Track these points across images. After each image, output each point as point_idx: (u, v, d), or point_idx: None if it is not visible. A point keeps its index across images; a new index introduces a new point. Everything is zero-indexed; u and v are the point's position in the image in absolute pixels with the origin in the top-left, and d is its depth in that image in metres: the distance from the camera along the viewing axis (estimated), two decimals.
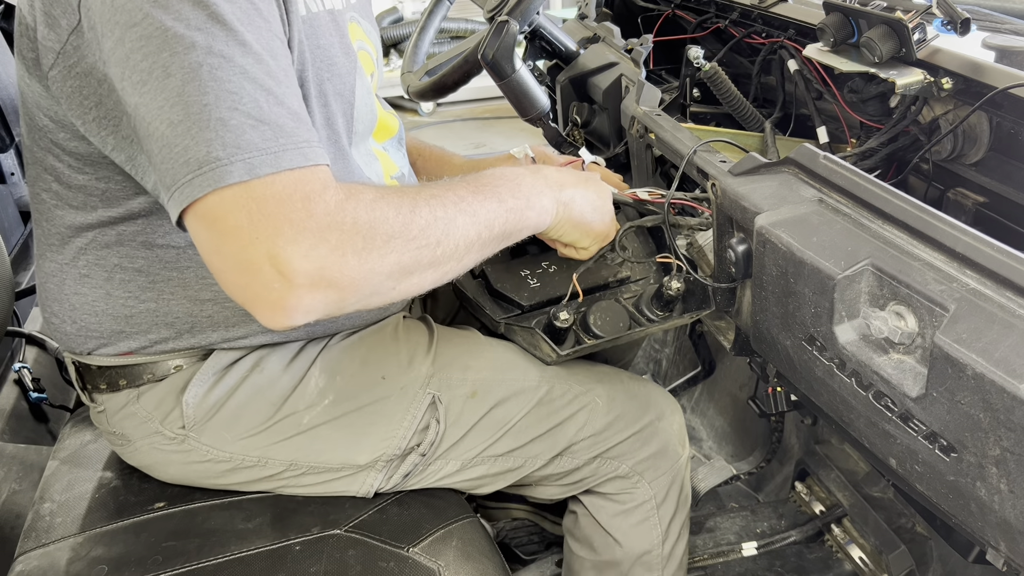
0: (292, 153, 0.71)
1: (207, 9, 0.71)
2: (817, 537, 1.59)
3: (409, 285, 0.79)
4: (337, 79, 0.92)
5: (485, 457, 1.07)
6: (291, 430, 1.00)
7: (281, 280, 0.69)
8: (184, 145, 0.69)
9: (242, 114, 0.70)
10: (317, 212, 0.70)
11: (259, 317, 0.73)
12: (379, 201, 0.75)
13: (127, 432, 1.02)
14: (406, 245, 0.76)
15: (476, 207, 0.84)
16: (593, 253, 1.07)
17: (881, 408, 0.74)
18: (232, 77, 0.70)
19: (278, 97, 0.73)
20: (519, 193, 0.91)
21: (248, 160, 0.69)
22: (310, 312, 0.72)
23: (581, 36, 1.50)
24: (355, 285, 0.73)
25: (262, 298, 0.71)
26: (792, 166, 0.89)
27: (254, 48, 0.72)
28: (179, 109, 0.69)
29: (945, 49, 0.97)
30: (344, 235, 0.71)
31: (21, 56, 0.86)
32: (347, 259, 0.71)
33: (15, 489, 1.41)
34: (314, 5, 0.88)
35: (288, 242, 0.68)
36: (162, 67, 0.70)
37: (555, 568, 1.50)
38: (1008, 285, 0.64)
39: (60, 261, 0.96)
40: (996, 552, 0.71)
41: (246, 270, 0.70)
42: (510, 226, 0.89)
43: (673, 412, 1.18)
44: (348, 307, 0.76)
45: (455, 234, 0.81)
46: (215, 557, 0.96)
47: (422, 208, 0.78)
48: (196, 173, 0.69)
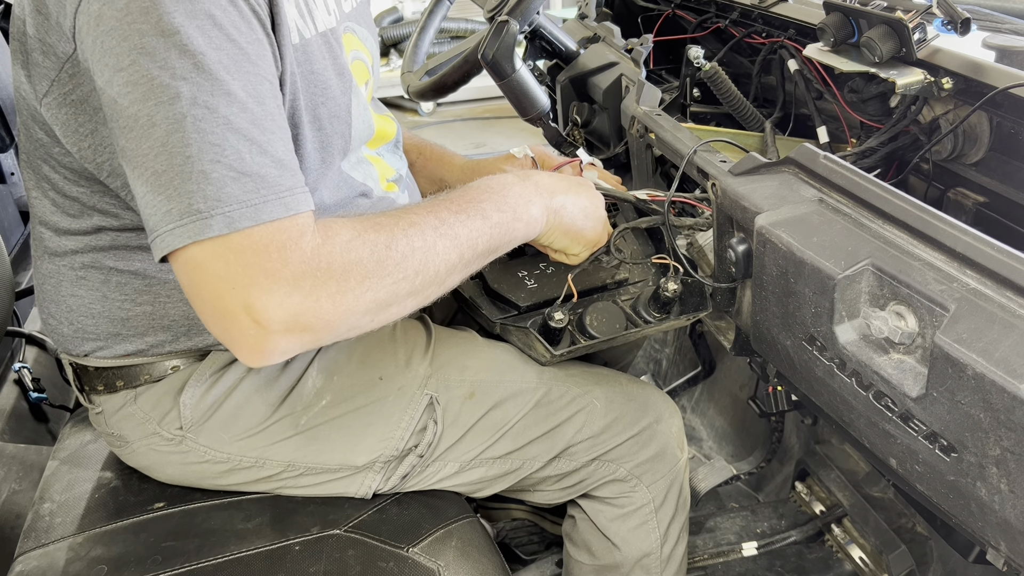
0: (273, 204, 0.73)
1: (193, 58, 0.70)
2: (817, 537, 1.59)
3: (388, 315, 0.81)
4: (332, 102, 0.92)
5: (483, 459, 1.07)
6: (289, 431, 1.00)
7: (256, 328, 0.72)
8: (167, 195, 0.71)
9: (224, 166, 0.71)
10: (292, 260, 0.72)
11: (238, 356, 0.76)
12: (355, 241, 0.77)
13: (125, 433, 1.02)
14: (381, 282, 0.77)
15: (458, 229, 0.84)
16: (584, 259, 1.07)
17: (881, 408, 0.74)
18: (215, 129, 0.71)
19: (262, 146, 0.73)
20: (505, 206, 0.90)
21: (228, 214, 0.70)
22: (286, 352, 0.75)
23: (581, 36, 1.50)
24: (330, 326, 0.75)
25: (239, 342, 0.74)
26: (792, 166, 0.89)
27: (239, 96, 0.73)
28: (163, 159, 0.71)
29: (945, 49, 0.97)
30: (318, 281, 0.73)
31: (17, 64, 0.85)
32: (321, 303, 0.73)
33: (15, 489, 1.41)
34: (306, 31, 0.88)
35: (263, 292, 0.71)
36: (147, 116, 0.71)
37: (555, 568, 1.50)
38: (1008, 285, 0.64)
39: (57, 263, 0.96)
40: (996, 552, 0.71)
41: (223, 317, 0.73)
42: (496, 241, 0.89)
43: (672, 415, 1.17)
44: (325, 343, 0.78)
45: (435, 261, 0.82)
46: (214, 557, 0.96)
47: (399, 241, 0.79)
48: (177, 224, 0.71)
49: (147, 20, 0.70)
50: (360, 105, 0.99)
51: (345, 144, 0.97)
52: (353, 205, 1.01)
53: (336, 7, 0.97)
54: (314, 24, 0.89)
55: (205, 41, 0.71)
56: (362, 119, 1.00)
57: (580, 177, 1.06)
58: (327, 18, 0.93)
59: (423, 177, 1.27)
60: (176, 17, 0.70)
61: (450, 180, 1.24)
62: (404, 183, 1.14)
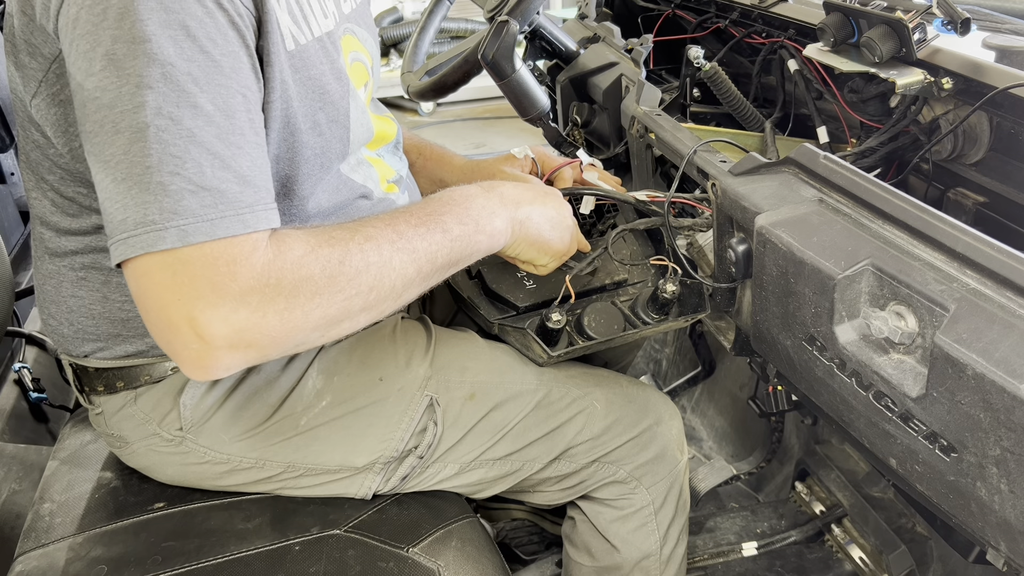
0: (230, 220, 0.72)
1: (162, 68, 0.70)
2: (817, 537, 1.59)
3: (340, 331, 0.80)
4: (330, 107, 0.91)
5: (483, 460, 1.07)
6: (288, 431, 1.00)
7: (199, 342, 0.71)
8: (124, 203, 0.70)
9: (183, 179, 0.70)
10: (241, 275, 0.71)
11: (181, 368, 0.75)
12: (307, 256, 0.75)
13: (125, 434, 1.02)
14: (332, 299, 0.76)
15: (416, 243, 0.83)
16: (552, 270, 1.05)
17: (881, 408, 0.74)
18: (177, 140, 0.70)
19: (225, 160, 0.72)
20: (467, 218, 0.89)
21: (183, 227, 0.70)
22: (230, 368, 0.74)
23: (581, 36, 1.50)
24: (276, 342, 0.74)
25: (181, 355, 0.73)
26: (792, 166, 0.89)
27: (206, 109, 0.72)
28: (123, 167, 0.70)
29: (945, 49, 0.97)
30: (266, 297, 0.72)
31: (11, 64, 0.85)
32: (268, 320, 0.72)
33: (15, 489, 1.41)
34: (302, 37, 0.87)
35: (208, 306, 0.70)
36: (112, 123, 0.70)
37: (555, 568, 1.50)
38: (1008, 285, 0.64)
39: (58, 263, 0.96)
40: (996, 552, 0.71)
41: (166, 329, 0.72)
42: (456, 255, 0.88)
43: (672, 417, 1.17)
44: (273, 358, 0.78)
45: (390, 276, 0.80)
46: (214, 557, 0.96)
47: (354, 256, 0.78)
48: (132, 233, 0.70)
49: (120, 26, 0.70)
50: (358, 108, 0.99)
51: (344, 148, 0.96)
52: (353, 207, 1.01)
53: (335, 9, 0.97)
54: (309, 30, 0.88)
55: (176, 51, 0.70)
56: (361, 122, 1.00)
57: (548, 187, 1.04)
58: (324, 21, 0.92)
59: (423, 178, 1.27)
60: (149, 26, 0.70)
61: (450, 180, 1.24)
62: (404, 184, 1.14)
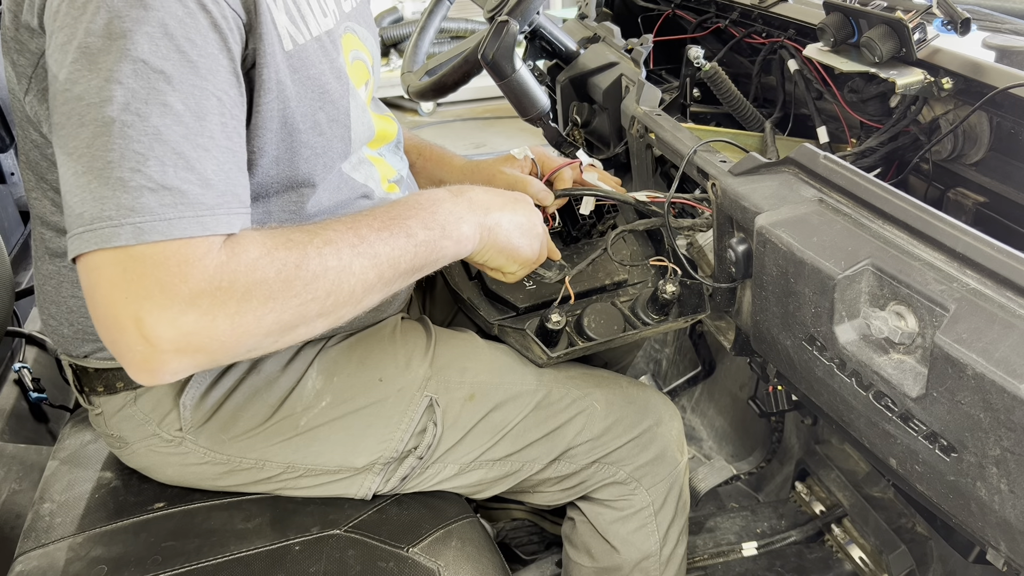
0: (188, 221, 0.70)
1: (134, 64, 0.69)
2: (817, 537, 1.59)
3: (295, 337, 0.78)
4: (330, 106, 0.91)
5: (483, 461, 1.07)
6: (288, 432, 1.00)
7: (145, 344, 0.68)
8: (82, 197, 0.69)
9: (144, 176, 0.69)
10: (192, 277, 0.69)
11: (127, 371, 0.72)
12: (263, 259, 0.73)
13: (125, 434, 1.02)
14: (286, 304, 0.74)
15: (378, 247, 0.81)
16: (520, 278, 1.04)
17: (881, 408, 0.74)
18: (142, 137, 0.69)
19: (190, 162, 0.71)
20: (433, 223, 0.87)
21: (138, 224, 0.68)
22: (177, 373, 0.72)
23: (581, 36, 1.50)
24: (226, 348, 0.72)
25: (126, 357, 0.70)
26: (792, 166, 0.89)
27: (176, 109, 0.70)
28: (85, 161, 0.69)
29: (945, 49, 0.97)
30: (216, 300, 0.70)
31: (8, 63, 0.86)
32: (217, 324, 0.70)
33: (15, 489, 1.41)
34: (300, 37, 0.86)
35: (156, 307, 0.68)
36: (78, 115, 0.69)
37: (555, 568, 1.50)
38: (1008, 285, 0.64)
39: (58, 264, 0.95)
40: (996, 552, 0.71)
41: (112, 327, 0.69)
42: (421, 260, 0.86)
43: (672, 418, 1.17)
44: (222, 364, 0.76)
45: (350, 281, 0.78)
46: (215, 557, 0.96)
47: (311, 260, 0.76)
48: (87, 228, 0.69)
49: (97, 20, 0.69)
50: (359, 107, 0.99)
51: (345, 147, 0.96)
52: (354, 207, 1.01)
53: (336, 7, 0.96)
54: (308, 29, 0.88)
55: (150, 49, 0.70)
56: (361, 121, 0.99)
57: (518, 193, 1.02)
58: (324, 20, 0.92)
59: (423, 178, 1.27)
60: (126, 22, 0.69)
61: (449, 181, 1.24)
62: (405, 184, 1.14)
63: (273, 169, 0.88)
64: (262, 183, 0.88)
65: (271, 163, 0.87)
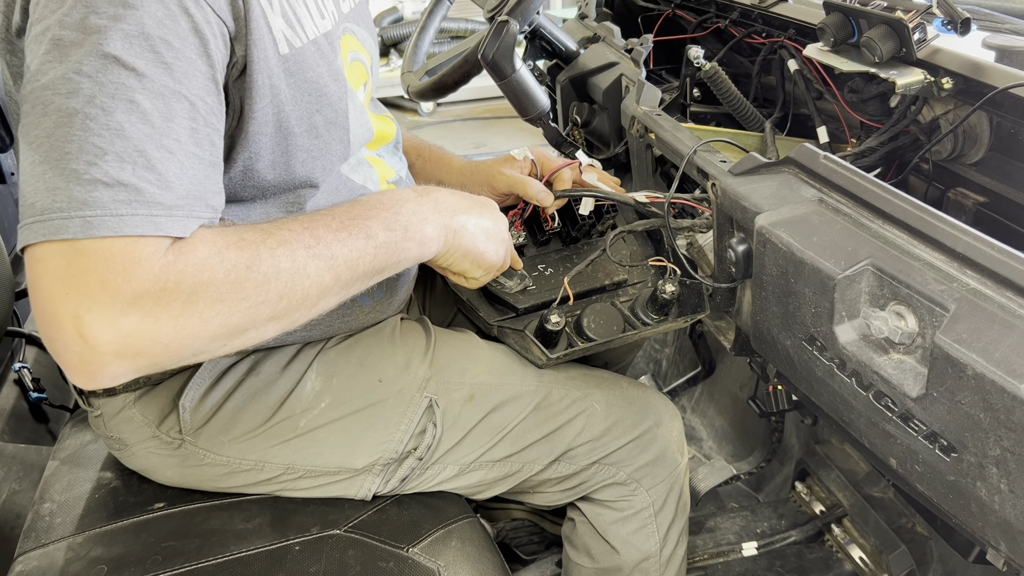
0: (141, 219, 0.67)
1: (105, 59, 0.68)
2: (817, 537, 1.59)
3: (244, 340, 0.75)
4: (328, 108, 0.90)
5: (483, 462, 1.07)
6: (288, 433, 1.00)
7: (82, 344, 0.66)
8: (35, 187, 0.67)
9: (100, 170, 0.66)
10: (137, 276, 0.66)
11: (65, 373, 0.70)
12: (212, 259, 0.70)
13: (124, 436, 1.02)
14: (235, 307, 0.71)
15: (335, 248, 0.78)
16: (482, 284, 1.03)
17: (881, 408, 0.74)
18: (103, 132, 0.67)
19: (151, 162, 0.69)
20: (395, 224, 0.85)
21: (89, 219, 0.66)
22: (116, 377, 0.69)
23: (581, 36, 1.50)
24: (169, 351, 0.70)
25: (63, 357, 0.68)
26: (792, 166, 0.89)
27: (143, 107, 0.69)
28: (44, 151, 0.67)
29: (945, 49, 0.97)
30: (160, 302, 0.67)
31: (3, 62, 0.85)
32: (160, 326, 0.67)
33: (15, 489, 1.41)
34: (297, 40, 0.85)
35: (96, 305, 0.65)
36: (43, 104, 0.68)
37: (555, 568, 1.50)
38: (1008, 285, 0.64)
39: None
40: (996, 552, 0.71)
41: (50, 325, 0.66)
42: (381, 262, 0.83)
43: (672, 419, 1.17)
44: (166, 368, 0.73)
45: (304, 283, 0.75)
46: (215, 557, 0.96)
47: (264, 261, 0.73)
48: (37, 219, 0.66)
49: (73, 14, 0.69)
50: (357, 109, 0.98)
51: (344, 149, 0.96)
52: None
53: (334, 8, 0.96)
54: (304, 32, 0.87)
55: (124, 46, 0.69)
56: (360, 122, 0.99)
57: (485, 198, 1.01)
58: (321, 22, 0.91)
59: (422, 179, 1.27)
60: (103, 18, 0.68)
61: (448, 182, 1.24)
62: (404, 184, 1.14)
63: (270, 172, 0.88)
64: (260, 186, 0.88)
65: (268, 167, 0.87)
